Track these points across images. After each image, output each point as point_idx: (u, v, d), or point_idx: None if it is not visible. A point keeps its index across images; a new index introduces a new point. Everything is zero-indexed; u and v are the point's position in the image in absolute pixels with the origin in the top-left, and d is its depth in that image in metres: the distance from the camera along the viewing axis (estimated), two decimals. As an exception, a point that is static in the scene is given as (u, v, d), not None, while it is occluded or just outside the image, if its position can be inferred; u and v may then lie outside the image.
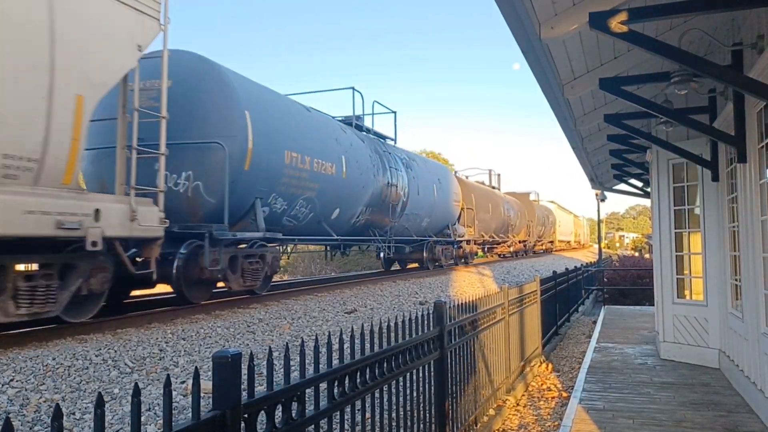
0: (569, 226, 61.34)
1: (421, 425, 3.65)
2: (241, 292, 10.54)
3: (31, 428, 4.12)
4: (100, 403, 1.40)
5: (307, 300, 11.16)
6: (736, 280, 6.21)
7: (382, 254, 19.29)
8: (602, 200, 25.44)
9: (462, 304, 4.71)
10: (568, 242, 62.14)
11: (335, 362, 2.56)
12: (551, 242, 48.81)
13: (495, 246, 30.20)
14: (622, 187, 13.41)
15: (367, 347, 2.96)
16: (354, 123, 15.03)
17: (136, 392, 1.53)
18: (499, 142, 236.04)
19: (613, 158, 10.45)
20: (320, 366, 2.44)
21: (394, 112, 18.02)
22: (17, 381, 4.95)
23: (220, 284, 9.94)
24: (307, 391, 2.30)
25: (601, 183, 14.10)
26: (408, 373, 3.42)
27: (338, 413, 2.60)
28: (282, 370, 2.37)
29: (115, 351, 6.12)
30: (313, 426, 2.35)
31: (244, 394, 1.90)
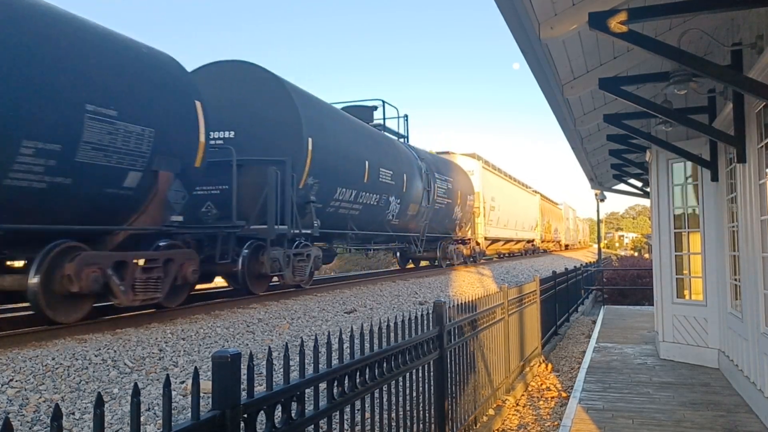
0: (528, 212, 34.90)
1: (421, 425, 3.65)
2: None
3: (30, 428, 4.12)
4: (99, 403, 1.41)
5: (306, 300, 11.16)
6: (735, 280, 6.21)
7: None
8: (602, 200, 25.43)
9: (461, 304, 4.71)
10: (530, 242, 36.60)
11: (335, 362, 2.56)
12: (464, 241, 23.48)
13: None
14: (622, 187, 13.41)
15: (366, 347, 2.96)
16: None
17: (136, 392, 1.53)
18: (500, 141, 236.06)
19: (613, 158, 10.45)
20: (320, 366, 2.44)
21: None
22: (17, 381, 4.95)
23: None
24: (307, 391, 2.30)
25: (600, 183, 14.10)
26: (407, 373, 3.42)
27: (338, 413, 2.60)
28: (281, 370, 2.37)
29: (115, 351, 6.12)
30: (312, 426, 2.35)
31: (244, 394, 1.90)
